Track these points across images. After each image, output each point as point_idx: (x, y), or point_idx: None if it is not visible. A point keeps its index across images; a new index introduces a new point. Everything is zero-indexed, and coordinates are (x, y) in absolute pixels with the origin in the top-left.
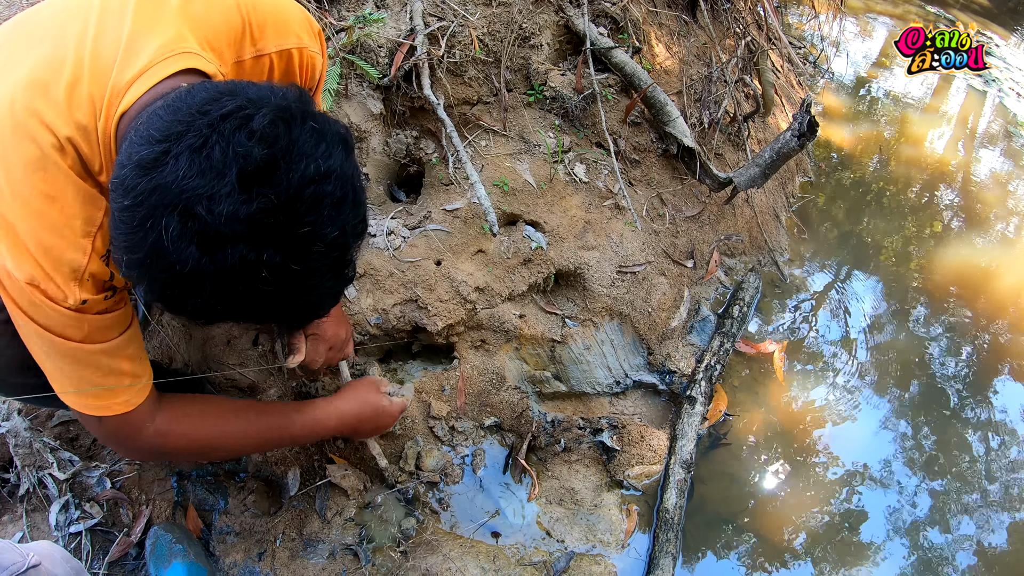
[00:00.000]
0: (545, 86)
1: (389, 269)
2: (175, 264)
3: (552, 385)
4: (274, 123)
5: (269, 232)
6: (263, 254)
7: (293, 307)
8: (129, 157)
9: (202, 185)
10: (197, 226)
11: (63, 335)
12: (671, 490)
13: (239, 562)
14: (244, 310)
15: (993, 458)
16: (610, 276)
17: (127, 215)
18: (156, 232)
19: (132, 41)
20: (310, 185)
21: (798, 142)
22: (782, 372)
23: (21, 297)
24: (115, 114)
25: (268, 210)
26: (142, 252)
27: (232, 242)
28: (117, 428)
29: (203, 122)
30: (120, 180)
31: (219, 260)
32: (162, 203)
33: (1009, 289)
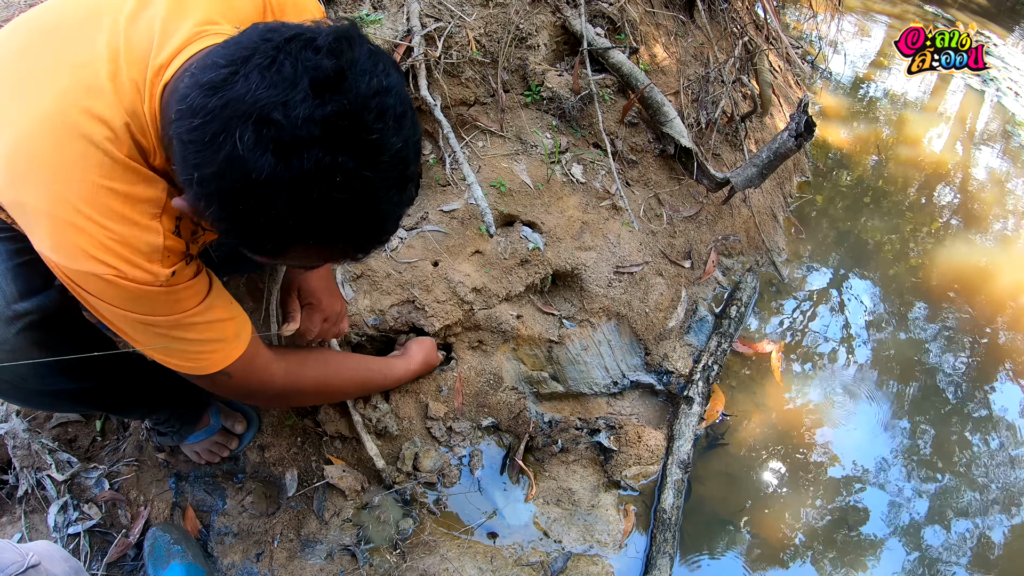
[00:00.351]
0: (542, 87)
1: (386, 270)
2: (251, 172)
3: (549, 385)
4: (337, 41)
5: (342, 136)
6: (337, 157)
7: (362, 222)
8: (193, 85)
9: (276, 94)
10: (273, 132)
11: (164, 313)
12: (668, 490)
13: (237, 563)
14: (316, 223)
15: (992, 457)
16: (607, 276)
17: (197, 133)
18: (230, 143)
19: (166, 25)
20: (375, 96)
21: (795, 142)
22: (780, 372)
23: (111, 296)
24: (158, 90)
25: (341, 113)
26: (215, 166)
27: (308, 146)
28: (248, 373)
29: (267, 46)
30: (187, 105)
31: (295, 166)
32: (235, 114)
33: (1007, 288)
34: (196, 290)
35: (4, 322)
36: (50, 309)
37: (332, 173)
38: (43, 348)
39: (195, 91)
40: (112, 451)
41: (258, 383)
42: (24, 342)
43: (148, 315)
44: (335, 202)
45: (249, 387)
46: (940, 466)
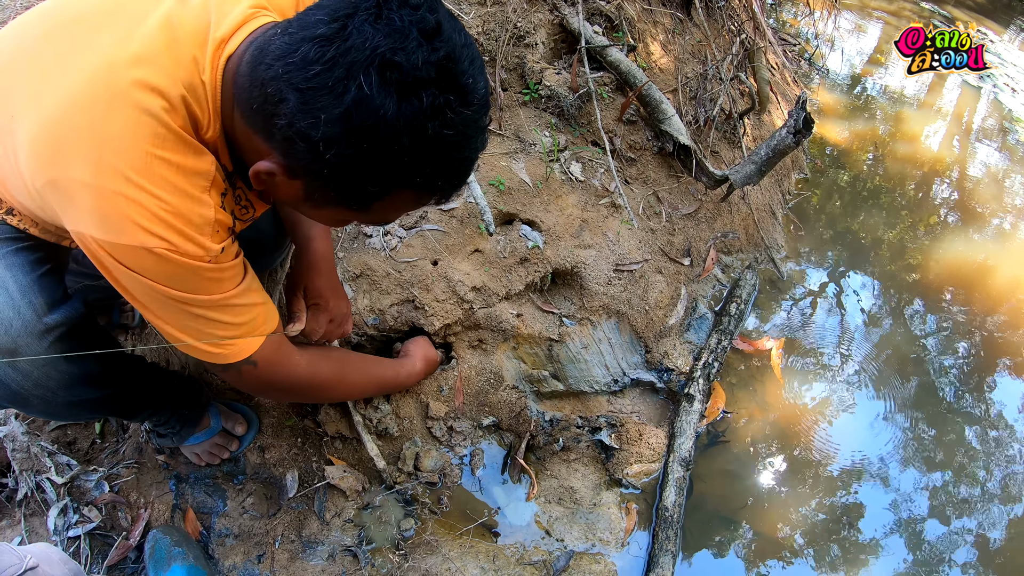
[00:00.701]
0: (540, 85)
1: (386, 269)
2: (378, 109)
3: (550, 384)
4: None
5: (450, 78)
6: (448, 96)
7: (458, 159)
8: (302, 40)
9: (393, 42)
10: (396, 75)
11: (207, 291)
12: (670, 488)
13: (239, 564)
14: (427, 160)
15: (991, 453)
16: (607, 274)
17: (319, 79)
18: (355, 86)
19: (220, 6)
20: (465, 48)
21: (794, 139)
22: (780, 369)
23: (156, 272)
24: (221, 62)
25: (448, 57)
26: (343, 106)
27: (426, 86)
28: (274, 363)
29: (368, 3)
30: (300, 57)
31: (415, 104)
32: (357, 61)
33: (1005, 284)
34: (238, 270)
35: (36, 336)
36: (76, 319)
37: (443, 111)
38: (72, 360)
39: (305, 45)
40: (112, 453)
41: (283, 374)
42: (54, 355)
43: (191, 293)
44: (442, 139)
45: (274, 377)
46: (940, 462)
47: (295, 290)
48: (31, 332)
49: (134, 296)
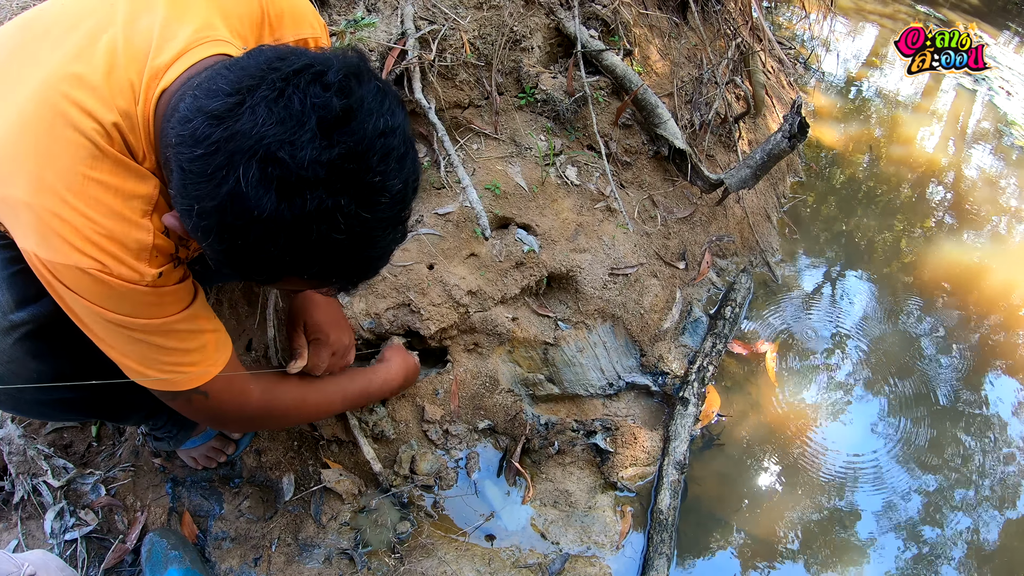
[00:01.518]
0: (536, 89)
1: (382, 273)
2: (253, 210)
3: (545, 387)
4: (347, 78)
5: (346, 179)
6: (340, 200)
7: (356, 260)
8: (197, 110)
9: (283, 132)
10: (278, 171)
11: (146, 316)
12: (665, 491)
13: (235, 568)
14: (312, 261)
15: (985, 454)
16: (602, 278)
17: (199, 164)
18: (233, 178)
19: (166, 27)
20: (380, 137)
21: (788, 143)
22: (774, 372)
23: (92, 292)
24: (154, 95)
25: (347, 156)
26: (216, 200)
27: (312, 187)
28: (225, 393)
29: (275, 76)
30: (189, 132)
31: (297, 206)
32: (240, 150)
33: (1000, 286)
34: (181, 296)
35: (1, 333)
36: (45, 318)
37: (333, 215)
38: (38, 358)
39: (199, 118)
40: (108, 457)
41: (235, 405)
42: (20, 352)
43: (128, 316)
44: (332, 242)
45: (224, 409)
46: (934, 464)
47: (295, 325)
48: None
49: (78, 316)
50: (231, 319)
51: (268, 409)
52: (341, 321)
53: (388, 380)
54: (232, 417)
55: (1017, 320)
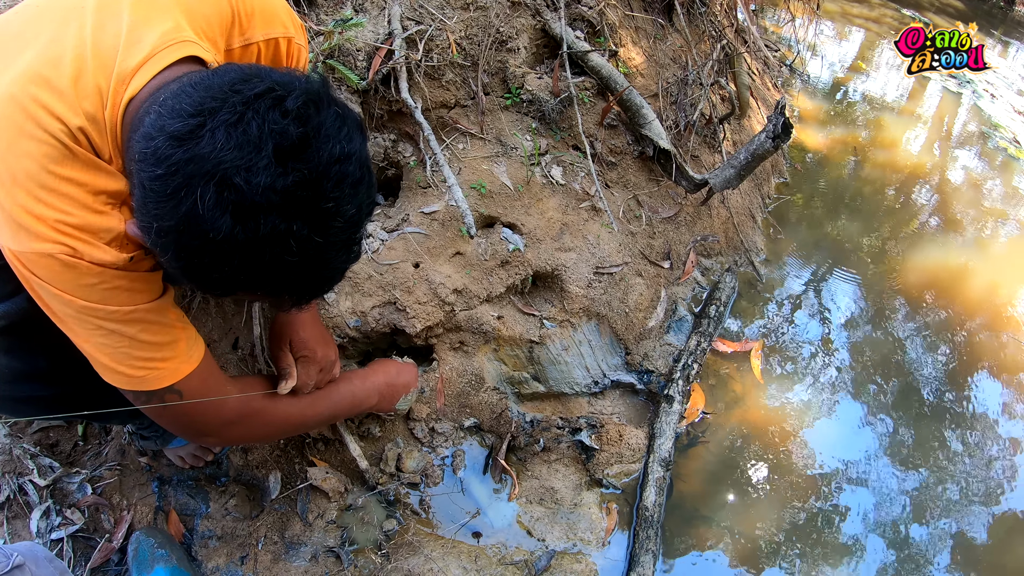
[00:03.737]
0: (522, 89)
1: (367, 272)
2: (208, 232)
3: (531, 386)
4: (306, 105)
5: (299, 205)
6: (292, 225)
7: (309, 279)
8: (160, 129)
9: (240, 157)
10: (233, 196)
11: (116, 302)
12: (650, 488)
13: (222, 566)
14: (265, 280)
15: (970, 454)
16: (587, 277)
17: (159, 184)
18: (191, 201)
19: (132, 31)
20: (335, 164)
21: (772, 144)
22: (759, 370)
23: (63, 279)
24: (122, 101)
25: (301, 183)
26: (174, 220)
27: (266, 212)
28: (201, 393)
29: (236, 99)
30: (151, 150)
31: (251, 229)
32: (198, 172)
33: (983, 288)
34: (151, 284)
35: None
36: (18, 315)
37: (286, 239)
38: (10, 354)
39: (161, 137)
40: (94, 456)
41: (211, 408)
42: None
43: (99, 304)
44: (285, 263)
45: (200, 412)
46: (919, 463)
47: (280, 344)
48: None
49: (50, 308)
50: (217, 317)
51: (246, 415)
52: (326, 337)
53: (366, 385)
54: (208, 422)
55: (1001, 321)
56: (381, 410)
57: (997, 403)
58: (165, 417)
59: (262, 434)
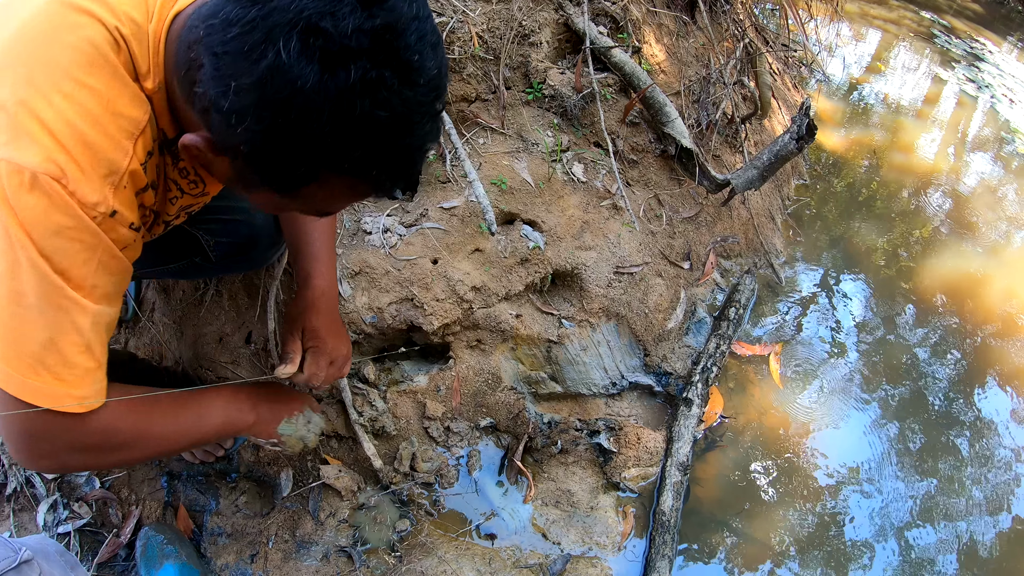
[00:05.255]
0: (544, 84)
1: (385, 267)
2: (295, 81)
3: (548, 386)
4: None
5: (388, 51)
6: (383, 72)
7: (396, 146)
8: (226, 1)
9: (323, 5)
10: (320, 41)
11: (61, 270)
12: (667, 492)
13: (231, 564)
14: (353, 143)
15: (985, 462)
16: (607, 277)
17: (235, 43)
18: (273, 52)
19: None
20: (414, 21)
21: (796, 145)
22: (778, 374)
23: (31, 208)
24: (168, 15)
25: (388, 28)
26: (255, 75)
27: (356, 57)
28: (57, 424)
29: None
30: (221, 19)
31: (341, 77)
32: (279, 23)
33: (1009, 292)
34: (113, 267)
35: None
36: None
37: (377, 88)
38: None
39: (230, 4)
40: None
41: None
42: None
43: (50, 260)
44: (375, 120)
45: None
46: (936, 469)
47: (292, 330)
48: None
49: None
50: (231, 310)
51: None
52: (340, 330)
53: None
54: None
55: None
56: (257, 433)
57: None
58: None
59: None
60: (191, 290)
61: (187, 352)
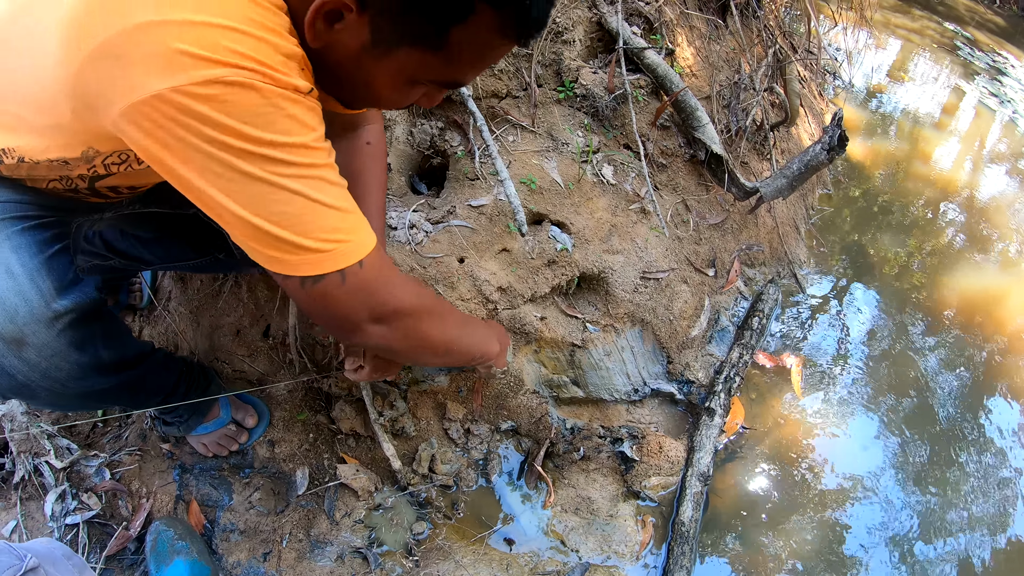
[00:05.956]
0: (576, 83)
1: (410, 264)
2: None
3: (569, 390)
4: None
5: None
6: None
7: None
8: None
9: None
10: None
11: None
12: (687, 503)
13: (243, 561)
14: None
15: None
16: (633, 282)
17: None
18: None
19: None
20: None
21: (827, 156)
22: (799, 386)
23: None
24: None
25: None
26: None
27: None
28: (380, 270)
29: None
30: None
31: None
32: None
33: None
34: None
35: (45, 324)
36: (87, 305)
37: None
38: (81, 349)
39: None
40: (114, 439)
41: (392, 290)
42: (64, 344)
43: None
44: None
45: (377, 291)
46: (957, 482)
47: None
48: (39, 320)
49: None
50: (249, 303)
51: (419, 310)
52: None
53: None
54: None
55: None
56: (497, 363)
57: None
58: (329, 298)
59: (414, 342)
60: (209, 281)
61: (203, 343)
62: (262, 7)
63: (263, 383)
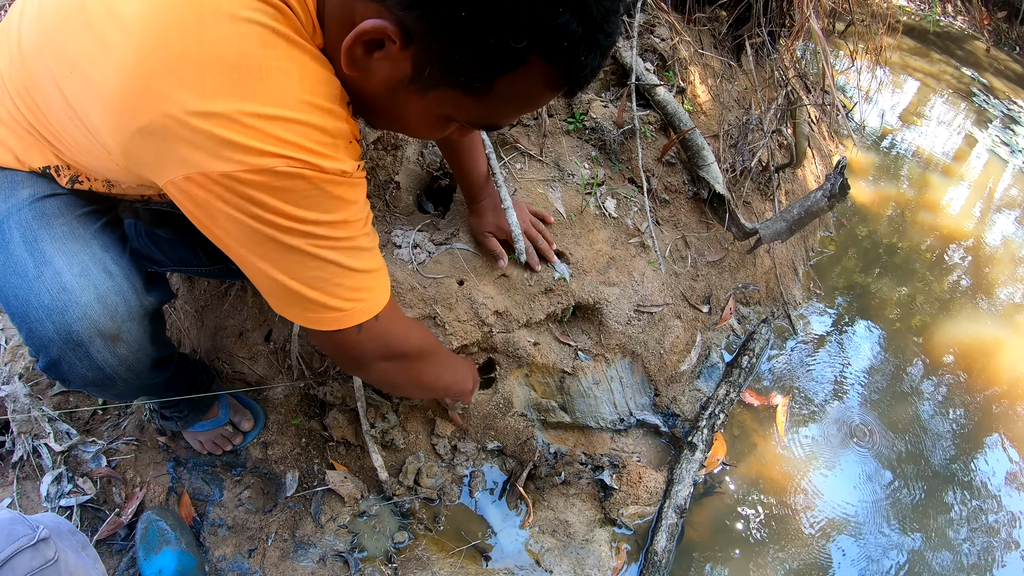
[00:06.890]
0: (586, 116)
1: (411, 283)
2: None
3: (557, 415)
4: None
5: None
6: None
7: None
8: None
9: None
10: None
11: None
12: (662, 533)
13: (228, 556)
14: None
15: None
16: (627, 314)
17: None
18: None
19: None
20: None
21: (828, 203)
22: (783, 426)
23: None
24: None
25: None
26: None
27: None
28: (392, 320)
29: None
30: None
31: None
32: None
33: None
34: (365, 199)
35: (138, 321)
36: (165, 300)
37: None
38: (154, 342)
39: None
40: (112, 427)
41: (400, 336)
42: (147, 338)
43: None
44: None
45: (389, 339)
46: (937, 529)
47: (486, 236)
48: (134, 316)
49: (243, 245)
50: (253, 307)
51: (423, 354)
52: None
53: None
54: (388, 351)
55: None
56: (464, 400)
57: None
58: (348, 346)
59: (411, 379)
60: (216, 283)
61: (206, 342)
62: (308, 71)
63: (261, 384)
